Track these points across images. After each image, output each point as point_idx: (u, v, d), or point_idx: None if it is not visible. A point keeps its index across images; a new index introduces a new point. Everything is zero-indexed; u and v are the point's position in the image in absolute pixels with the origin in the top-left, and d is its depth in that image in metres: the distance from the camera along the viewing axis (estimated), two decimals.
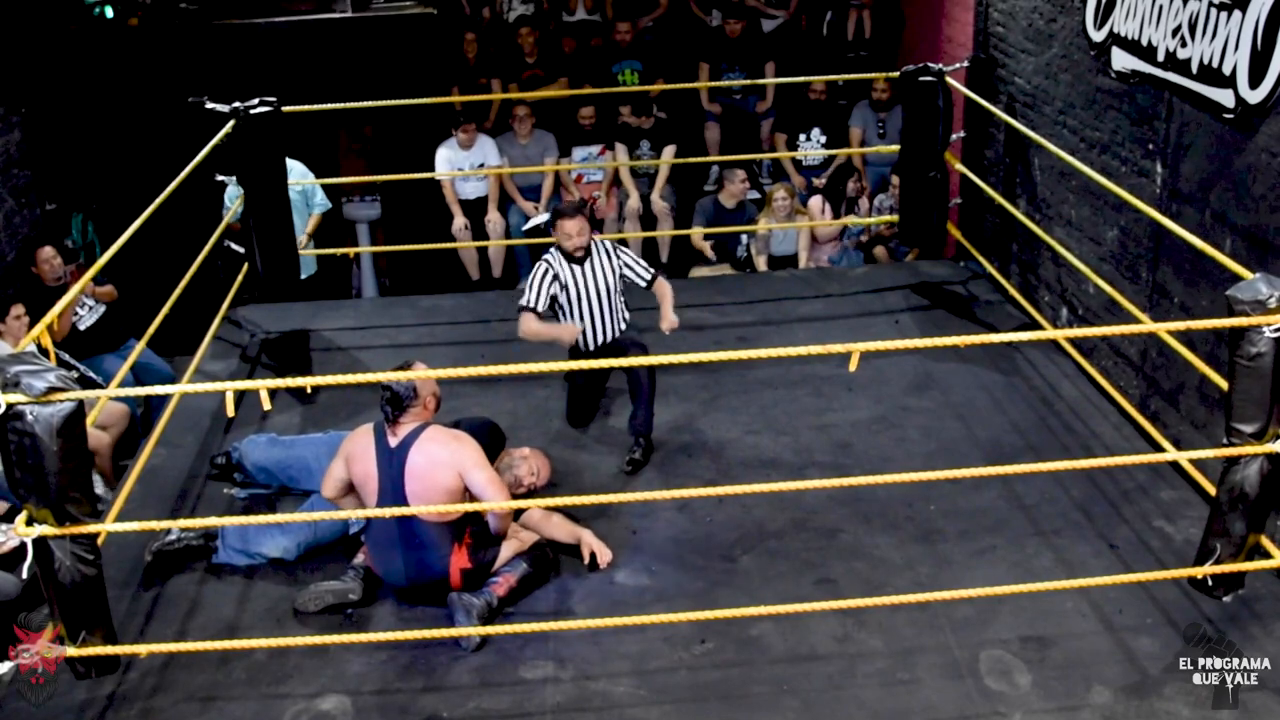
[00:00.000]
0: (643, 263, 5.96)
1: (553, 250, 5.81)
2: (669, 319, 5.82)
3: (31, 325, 5.93)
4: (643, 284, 5.93)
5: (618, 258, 5.86)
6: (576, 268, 5.75)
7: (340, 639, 4.43)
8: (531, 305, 5.73)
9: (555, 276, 5.75)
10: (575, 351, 5.87)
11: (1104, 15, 6.05)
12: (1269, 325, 3.83)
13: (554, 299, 5.78)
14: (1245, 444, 3.98)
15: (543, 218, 8.87)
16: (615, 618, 4.43)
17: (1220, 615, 4.47)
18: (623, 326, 5.92)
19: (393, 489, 4.58)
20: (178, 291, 6.23)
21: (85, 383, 6.74)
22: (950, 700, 4.18)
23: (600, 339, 5.86)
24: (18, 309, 6.55)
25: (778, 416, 6.09)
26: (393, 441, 4.62)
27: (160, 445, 5.80)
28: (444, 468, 4.57)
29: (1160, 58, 5.49)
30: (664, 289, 5.95)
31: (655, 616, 4.39)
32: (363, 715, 4.20)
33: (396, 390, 4.60)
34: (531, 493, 5.30)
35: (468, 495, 4.64)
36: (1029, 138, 6.77)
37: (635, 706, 4.20)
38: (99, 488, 6.13)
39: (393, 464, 4.59)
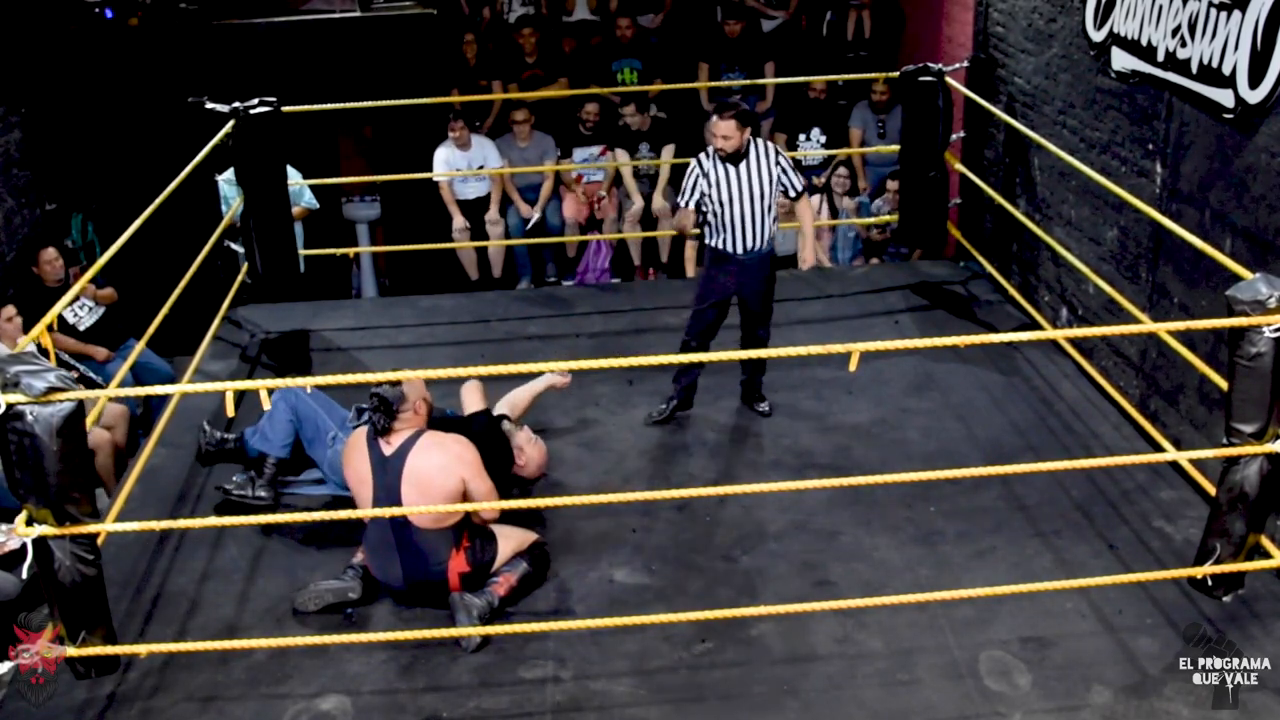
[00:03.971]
0: (798, 175, 5.78)
1: (710, 147, 5.67)
2: (809, 255, 5.84)
3: (30, 326, 5.93)
4: (790, 195, 5.79)
5: (777, 163, 5.66)
6: (730, 167, 5.58)
7: (340, 639, 4.43)
8: (684, 203, 5.71)
9: (705, 175, 5.62)
10: (723, 257, 5.75)
11: (1104, 15, 6.05)
12: (1269, 325, 3.83)
13: (703, 199, 5.65)
14: (1245, 444, 3.99)
15: (538, 215, 8.88)
16: (615, 618, 4.43)
17: (1220, 615, 4.47)
18: (768, 236, 5.72)
19: (387, 497, 4.55)
20: (178, 291, 6.23)
21: (85, 383, 6.75)
22: (950, 701, 4.18)
23: (748, 245, 5.69)
24: (8, 310, 6.53)
25: (777, 417, 6.09)
26: (387, 450, 4.58)
27: (160, 445, 5.80)
28: (444, 472, 4.53)
29: (1160, 58, 5.49)
30: (806, 212, 5.84)
31: (655, 616, 4.39)
32: (363, 715, 4.20)
33: (385, 396, 4.55)
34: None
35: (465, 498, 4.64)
36: (1029, 138, 6.78)
37: (635, 706, 4.20)
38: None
39: (388, 471, 4.55)
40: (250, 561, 5.04)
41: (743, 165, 5.60)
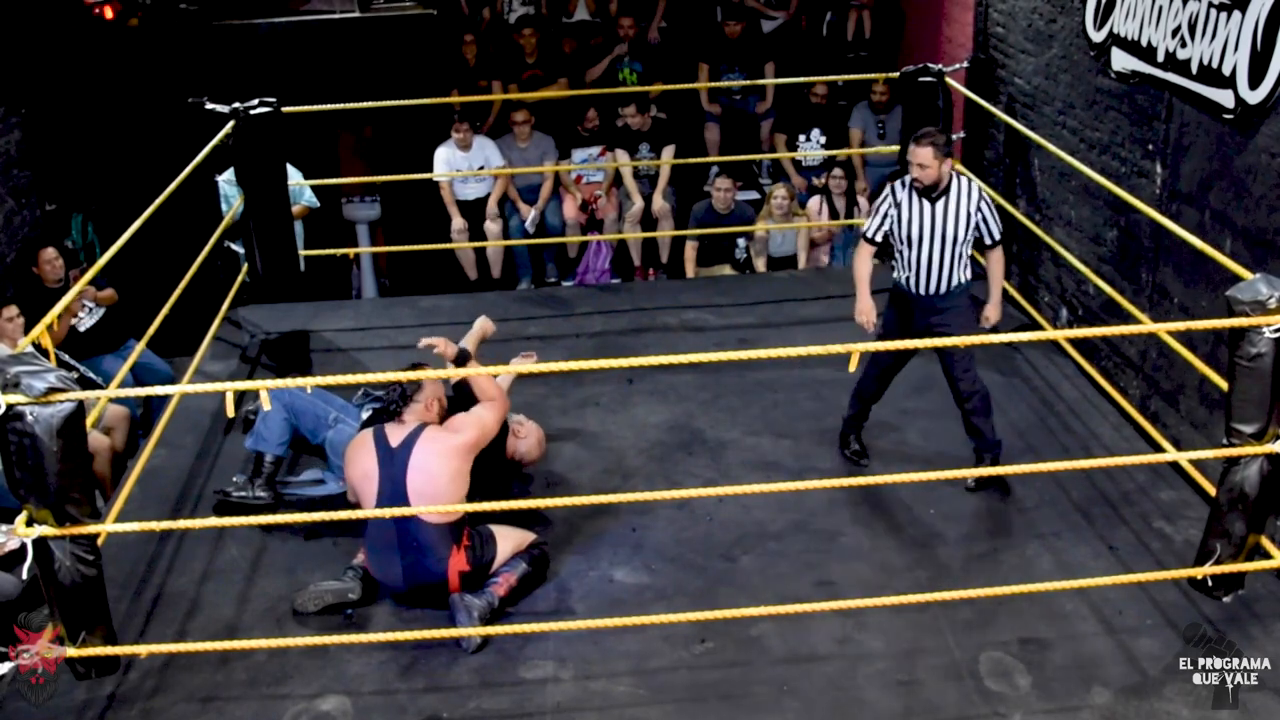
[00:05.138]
0: (999, 222, 5.27)
1: (906, 177, 5.22)
2: (993, 313, 5.38)
3: (30, 326, 5.93)
4: (986, 242, 5.29)
5: (978, 207, 5.16)
6: (926, 202, 5.13)
7: (340, 639, 4.43)
8: (867, 234, 5.30)
9: (896, 205, 5.19)
10: (903, 296, 5.36)
11: (1104, 16, 6.06)
12: (1269, 325, 3.83)
13: (891, 231, 5.24)
14: (1245, 444, 3.99)
15: (534, 214, 8.89)
16: (615, 617, 4.43)
17: (1220, 615, 4.47)
18: (958, 280, 5.24)
19: (392, 488, 4.57)
20: (178, 292, 6.23)
21: (85, 383, 6.74)
22: (950, 701, 4.18)
23: (932, 288, 5.24)
24: (10, 310, 6.54)
25: (778, 418, 6.09)
26: (394, 441, 4.63)
27: (160, 445, 5.80)
28: (445, 456, 4.59)
29: (1160, 58, 5.49)
30: (997, 265, 5.37)
31: (655, 616, 4.39)
32: (363, 715, 4.20)
33: (404, 384, 4.71)
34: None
35: (469, 492, 4.67)
36: (1029, 138, 6.78)
37: (635, 706, 4.20)
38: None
39: (394, 462, 4.59)
40: (250, 561, 5.04)
41: (940, 203, 5.12)
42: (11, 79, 8.11)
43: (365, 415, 5.38)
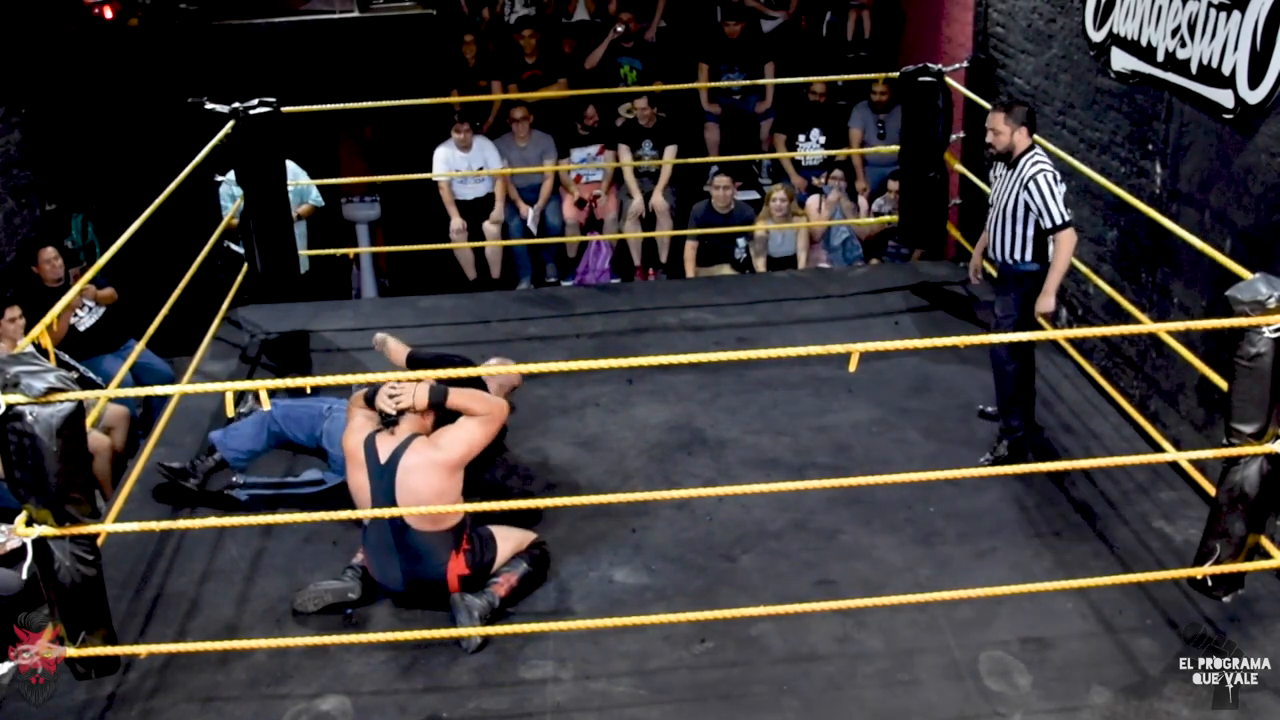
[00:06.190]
0: (1055, 209, 5.17)
1: None
2: (1041, 302, 5.25)
3: (30, 326, 5.93)
4: (1043, 228, 5.23)
5: (1025, 186, 5.22)
6: (1003, 168, 5.40)
7: (340, 639, 4.43)
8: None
9: (993, 165, 5.50)
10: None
11: (1103, 16, 6.06)
12: (1269, 325, 3.83)
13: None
14: (1245, 444, 3.99)
15: (534, 214, 8.89)
16: (615, 618, 4.43)
17: (1220, 615, 4.47)
18: (1015, 256, 5.34)
19: (386, 503, 4.53)
20: (178, 292, 6.23)
21: (85, 383, 6.75)
22: (950, 701, 4.18)
23: (996, 252, 5.42)
24: (13, 311, 6.54)
25: (778, 417, 6.09)
26: (382, 455, 4.57)
27: (160, 445, 5.79)
28: (431, 470, 4.51)
29: (1160, 58, 5.49)
30: (1056, 251, 5.21)
31: (655, 616, 4.39)
32: (363, 715, 4.20)
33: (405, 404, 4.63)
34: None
35: (468, 491, 4.66)
36: None
37: (635, 706, 4.20)
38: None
39: (383, 478, 4.55)
40: (250, 561, 5.04)
41: (1009, 172, 5.34)
42: (11, 79, 8.11)
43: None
